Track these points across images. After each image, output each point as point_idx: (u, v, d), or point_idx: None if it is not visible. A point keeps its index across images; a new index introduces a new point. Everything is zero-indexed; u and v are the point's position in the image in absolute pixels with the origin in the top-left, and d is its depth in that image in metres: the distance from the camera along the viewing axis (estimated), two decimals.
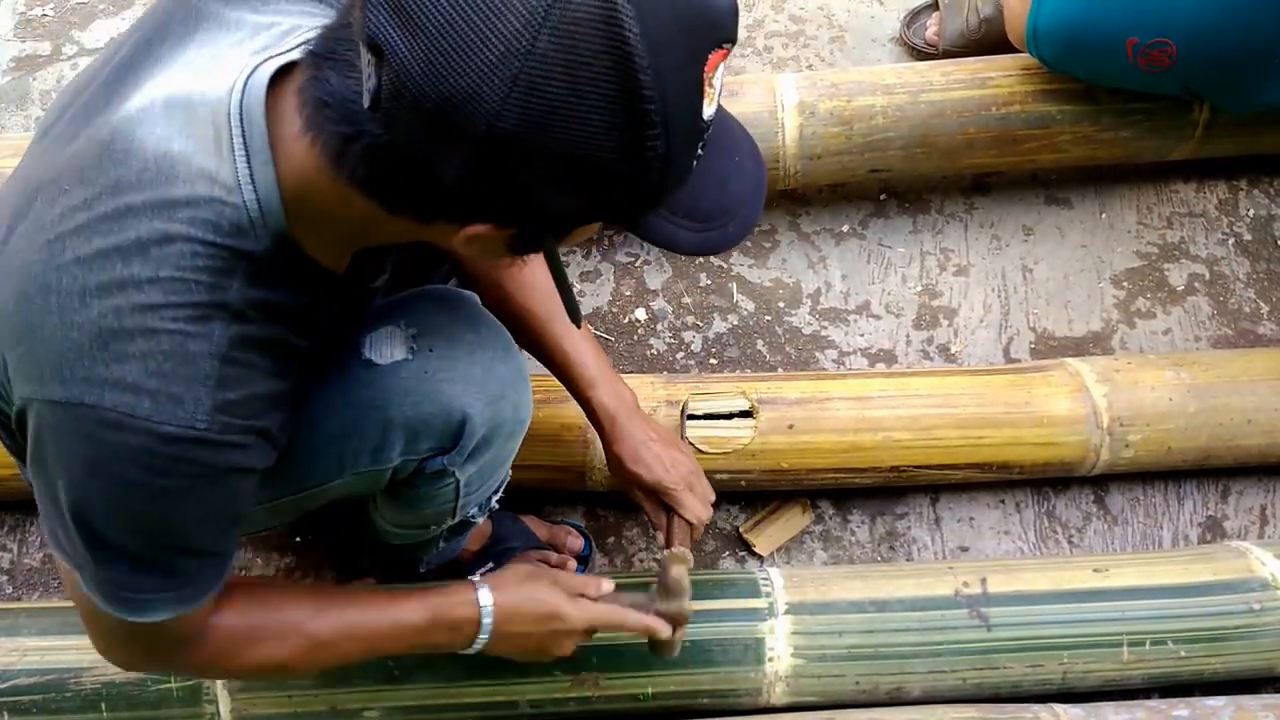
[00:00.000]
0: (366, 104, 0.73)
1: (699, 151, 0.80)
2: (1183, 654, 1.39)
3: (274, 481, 1.06)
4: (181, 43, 0.88)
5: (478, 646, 1.11)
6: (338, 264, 0.92)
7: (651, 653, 1.22)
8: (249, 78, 0.83)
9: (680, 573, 1.18)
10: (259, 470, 0.92)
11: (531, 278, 1.26)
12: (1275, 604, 1.40)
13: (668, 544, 1.26)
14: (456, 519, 1.23)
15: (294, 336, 0.90)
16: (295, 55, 0.83)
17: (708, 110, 0.77)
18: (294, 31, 0.87)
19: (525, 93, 0.69)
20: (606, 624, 1.14)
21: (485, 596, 1.09)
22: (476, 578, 1.12)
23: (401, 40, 0.70)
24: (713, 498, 1.32)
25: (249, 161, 0.82)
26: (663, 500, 1.30)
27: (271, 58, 0.84)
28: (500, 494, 1.29)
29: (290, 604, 1.05)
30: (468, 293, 1.17)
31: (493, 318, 1.14)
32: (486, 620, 1.09)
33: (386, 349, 1.06)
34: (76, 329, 0.82)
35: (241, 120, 0.82)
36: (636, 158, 0.74)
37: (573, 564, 1.51)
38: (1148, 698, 1.43)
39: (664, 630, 1.16)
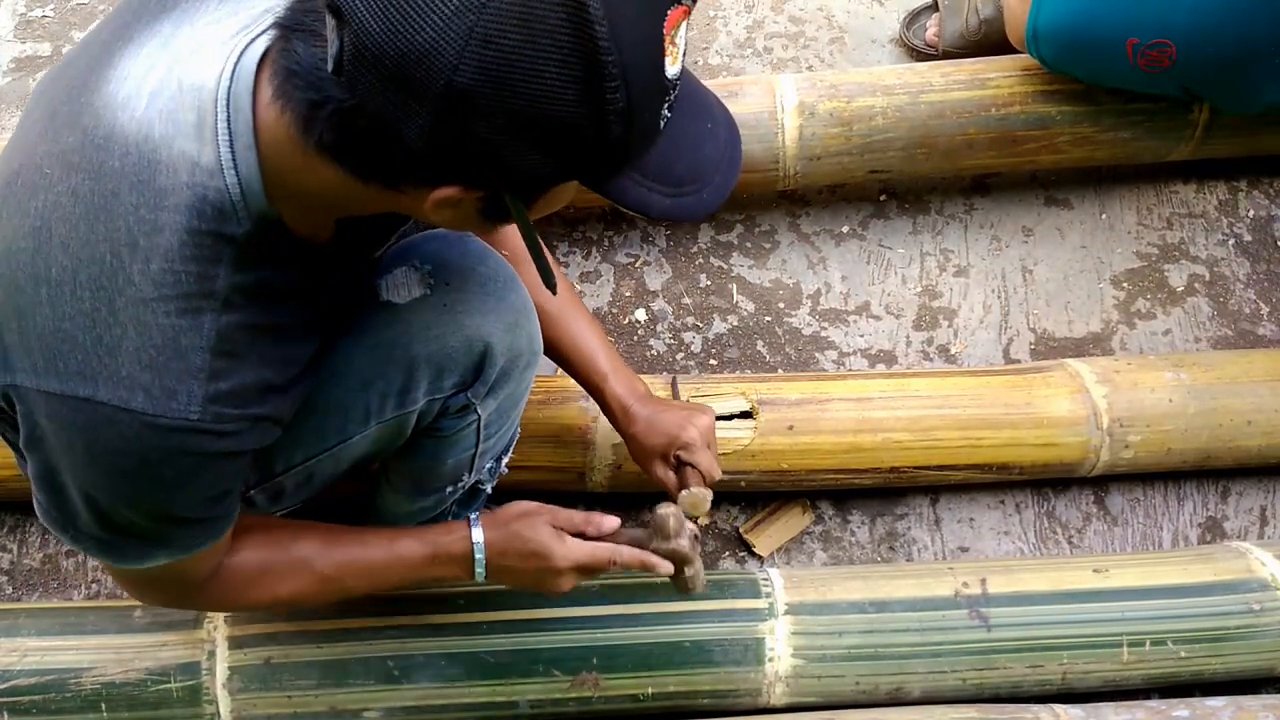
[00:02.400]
0: (330, 68, 0.74)
1: (666, 112, 0.80)
2: (1183, 654, 1.39)
3: (301, 442, 1.10)
4: (157, 21, 0.88)
5: (479, 579, 1.13)
6: (321, 234, 0.93)
7: (677, 591, 1.21)
8: (238, 61, 0.83)
9: (668, 510, 1.16)
10: (256, 451, 0.94)
11: (535, 276, 1.26)
12: (1275, 604, 1.40)
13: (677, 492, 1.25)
14: (472, 475, 1.24)
15: (287, 317, 0.91)
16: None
17: (670, 69, 0.78)
18: (274, 9, 0.87)
19: (481, 46, 0.70)
20: (596, 562, 1.13)
21: (477, 534, 1.12)
22: (474, 515, 1.14)
23: (360, 1, 0.72)
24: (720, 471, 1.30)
25: (232, 146, 0.83)
26: (677, 458, 1.28)
27: (255, 38, 0.84)
28: (509, 454, 1.30)
29: (299, 542, 1.09)
30: (469, 234, 1.18)
31: (496, 253, 1.15)
32: (479, 555, 1.12)
33: (404, 288, 1.08)
34: (69, 321, 0.83)
35: (229, 105, 0.83)
36: (597, 112, 0.74)
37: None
38: (1148, 698, 1.43)
39: (662, 567, 1.15)
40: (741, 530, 1.61)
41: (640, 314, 1.77)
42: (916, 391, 1.55)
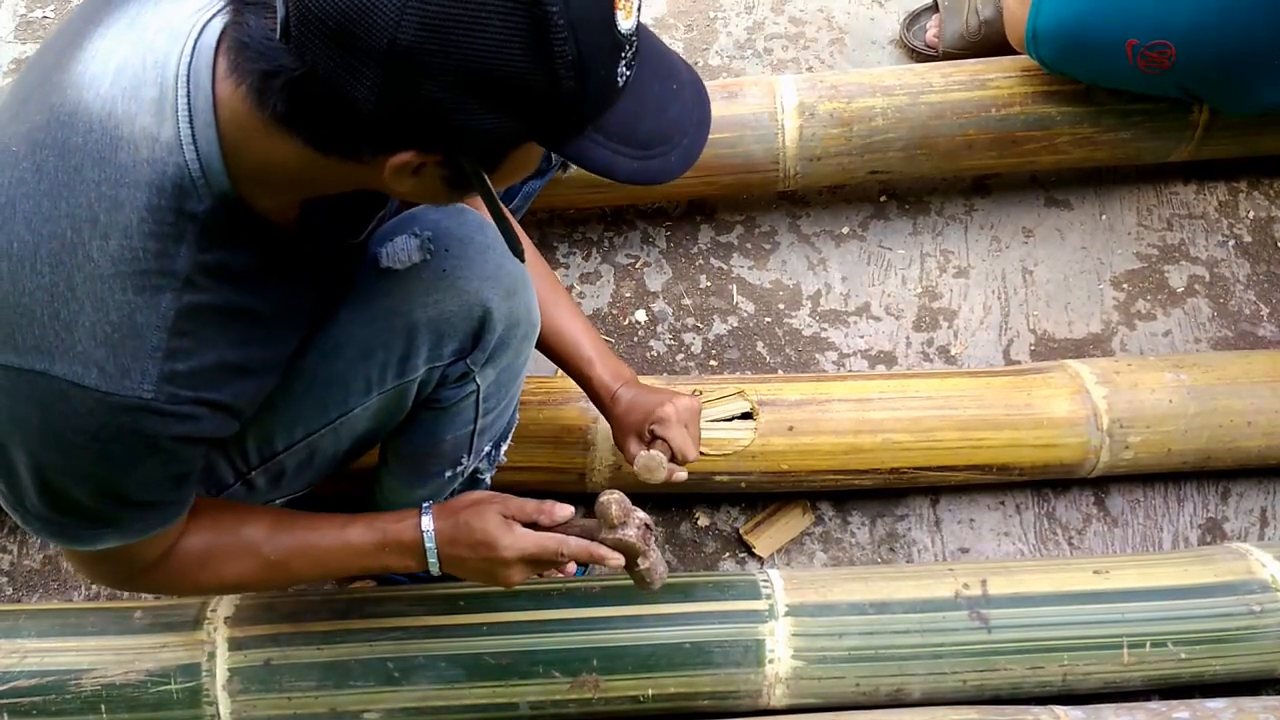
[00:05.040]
0: (279, 35, 0.75)
1: (624, 69, 0.80)
2: (1183, 656, 1.39)
3: (302, 417, 1.10)
4: (127, 4, 0.89)
5: (434, 570, 1.12)
6: (287, 214, 0.93)
7: (637, 587, 1.18)
8: (198, 38, 0.84)
9: (610, 497, 1.12)
10: (211, 439, 0.93)
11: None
12: (1275, 606, 1.40)
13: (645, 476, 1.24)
14: (471, 457, 1.24)
15: (254, 301, 0.91)
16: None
17: (623, 23, 0.78)
18: None
19: (421, 1, 0.71)
20: (543, 552, 1.11)
21: (427, 522, 1.11)
22: (426, 504, 1.13)
23: None
24: (695, 452, 1.28)
25: (191, 122, 0.83)
26: (651, 433, 1.27)
27: (215, 14, 0.84)
28: (508, 442, 1.30)
29: (247, 525, 1.08)
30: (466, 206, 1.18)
31: (493, 224, 1.14)
32: (430, 545, 1.10)
33: (403, 254, 1.08)
34: (28, 295, 0.83)
35: (189, 81, 0.83)
36: (546, 66, 0.74)
37: (572, 568, 1.51)
38: (1148, 700, 1.43)
39: (611, 558, 1.12)
40: (741, 531, 1.61)
41: (640, 315, 1.77)
42: (917, 392, 1.55)
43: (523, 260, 0.96)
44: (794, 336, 1.77)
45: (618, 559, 1.13)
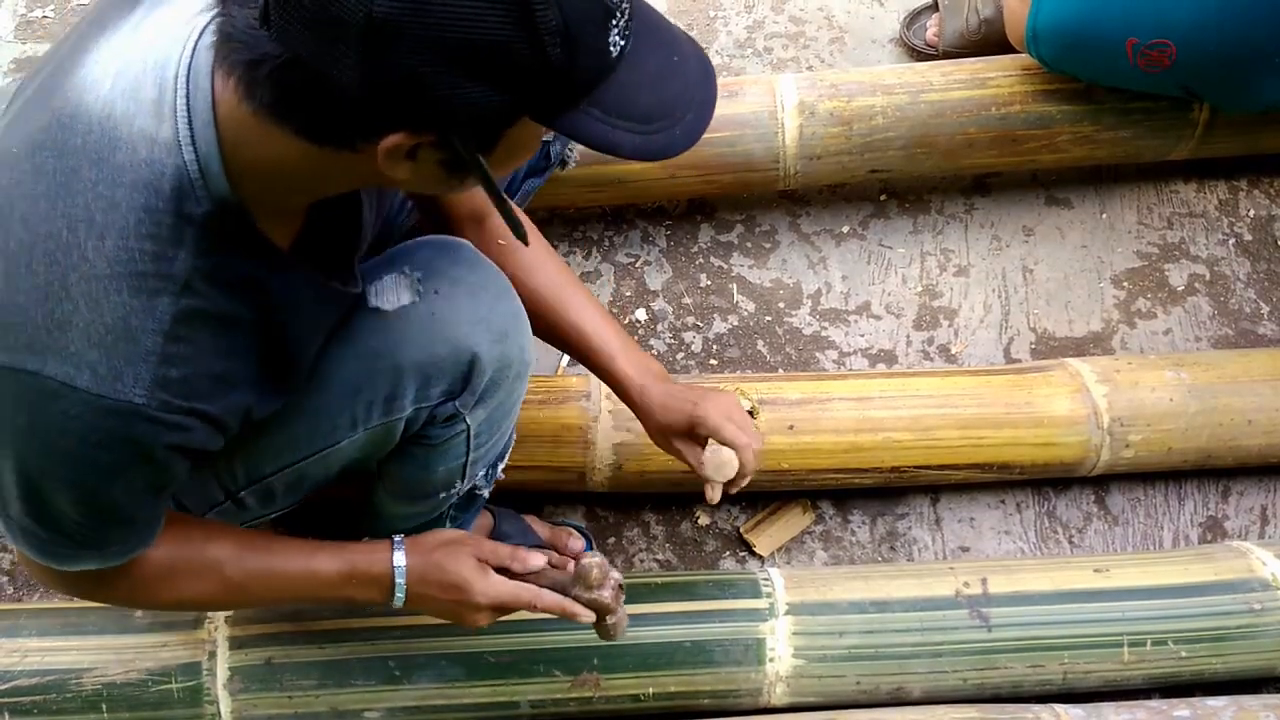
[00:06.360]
0: (259, 22, 0.74)
1: (617, 39, 0.78)
2: (1184, 654, 1.39)
3: (290, 445, 1.08)
4: (132, 9, 0.88)
5: (398, 605, 1.10)
6: (290, 224, 0.92)
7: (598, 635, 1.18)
8: (199, 39, 0.83)
9: (592, 561, 1.13)
10: (199, 451, 0.92)
11: (533, 258, 1.24)
12: (1276, 604, 1.40)
13: (703, 480, 1.21)
14: (465, 482, 1.23)
15: (247, 311, 0.90)
16: None
17: None
18: None
19: None
20: (517, 602, 1.11)
21: (399, 557, 1.09)
22: (399, 538, 1.11)
23: None
24: (760, 442, 1.24)
25: (190, 123, 0.82)
26: (700, 436, 1.22)
27: (216, 15, 0.83)
28: (505, 461, 1.28)
29: (213, 545, 1.06)
30: (462, 240, 1.16)
31: (489, 260, 1.13)
32: (399, 580, 1.09)
33: (392, 295, 1.06)
34: (23, 294, 0.82)
35: (188, 82, 0.82)
36: (530, 32, 0.72)
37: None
38: (1149, 698, 1.43)
39: (583, 615, 1.12)
40: (742, 530, 1.61)
41: (640, 314, 1.77)
42: (917, 391, 1.55)
43: (525, 243, 0.93)
44: (794, 335, 1.77)
45: (590, 616, 1.13)
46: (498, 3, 0.71)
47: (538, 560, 1.12)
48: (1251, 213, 1.88)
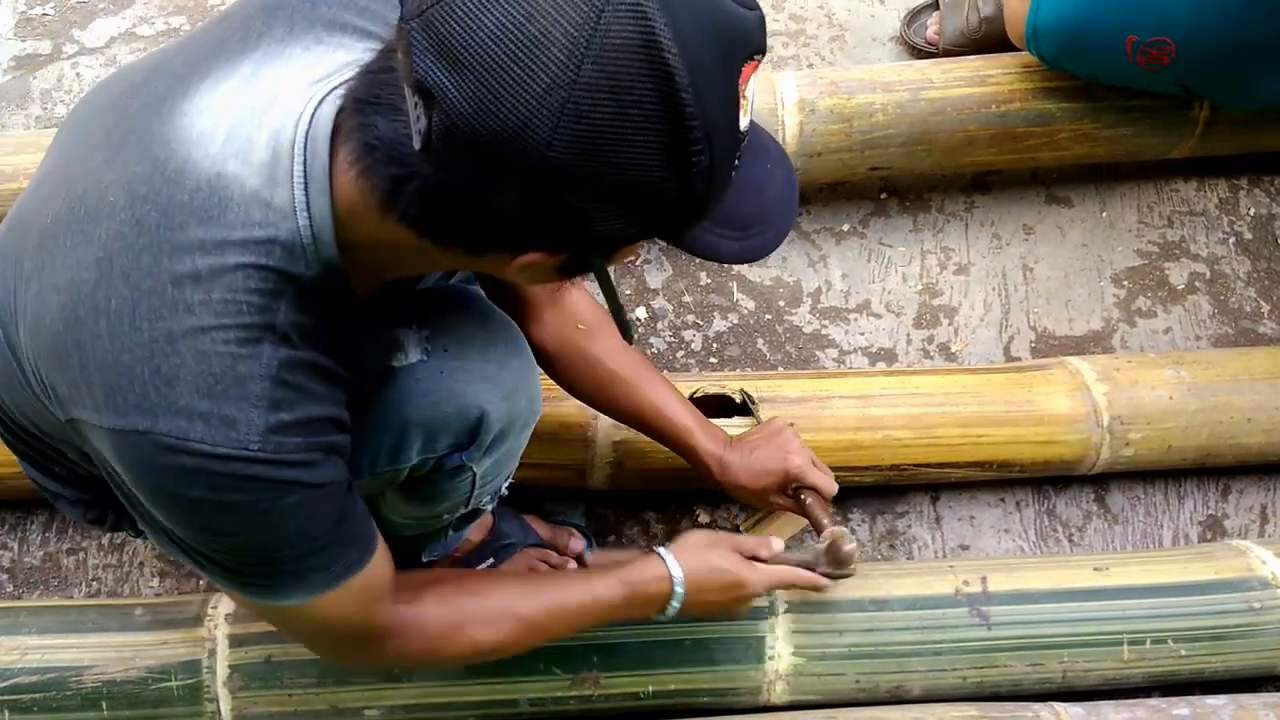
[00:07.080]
0: (418, 146, 0.74)
1: (736, 162, 0.81)
2: (1183, 653, 1.39)
3: None
4: (240, 60, 0.88)
5: (670, 615, 1.17)
6: (370, 287, 0.93)
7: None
8: (317, 108, 0.84)
9: (852, 549, 1.26)
10: (339, 482, 0.91)
11: (613, 343, 1.29)
12: (1275, 603, 1.40)
13: (817, 528, 1.29)
14: (469, 509, 1.24)
15: (334, 363, 0.90)
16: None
17: (744, 121, 0.79)
18: (355, 63, 0.86)
19: (573, 121, 0.71)
20: (780, 585, 1.24)
21: (676, 570, 1.15)
22: (662, 550, 1.17)
23: (450, 82, 0.71)
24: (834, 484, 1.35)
25: (306, 190, 0.83)
26: (796, 488, 1.32)
27: (335, 88, 0.84)
28: (510, 479, 1.29)
29: (496, 590, 1.11)
30: (473, 289, 1.18)
31: (500, 312, 1.15)
32: (679, 590, 1.15)
33: (402, 352, 1.07)
34: (128, 353, 0.82)
35: (305, 149, 0.83)
36: (682, 174, 0.75)
37: (572, 565, 1.51)
38: (1148, 696, 1.43)
39: (830, 588, 1.28)
40: (741, 528, 1.60)
41: (641, 312, 1.77)
42: (917, 389, 1.55)
43: (631, 341, 0.98)
44: (794, 333, 1.77)
45: (830, 587, 1.27)
46: (661, 148, 0.73)
47: (778, 544, 1.23)
48: (1252, 211, 1.88)
